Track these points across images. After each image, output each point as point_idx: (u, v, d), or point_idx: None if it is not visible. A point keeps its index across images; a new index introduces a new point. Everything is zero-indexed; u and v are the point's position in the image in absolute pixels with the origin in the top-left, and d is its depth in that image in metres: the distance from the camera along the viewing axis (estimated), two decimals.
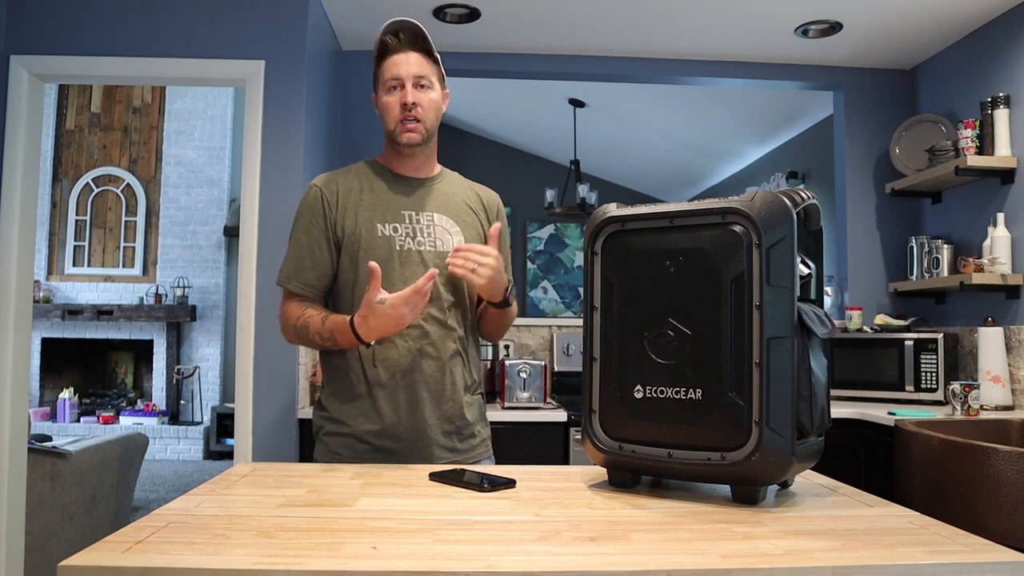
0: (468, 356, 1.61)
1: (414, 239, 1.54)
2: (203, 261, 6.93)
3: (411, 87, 1.52)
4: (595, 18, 3.21)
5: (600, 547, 0.88)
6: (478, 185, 1.72)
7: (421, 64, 1.54)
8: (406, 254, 1.53)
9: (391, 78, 1.53)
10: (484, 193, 1.70)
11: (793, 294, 1.06)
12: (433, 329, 1.53)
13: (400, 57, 1.53)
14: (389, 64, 1.54)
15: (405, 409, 1.51)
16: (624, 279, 1.19)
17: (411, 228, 1.55)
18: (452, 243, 1.56)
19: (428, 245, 1.55)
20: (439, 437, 1.53)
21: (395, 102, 1.53)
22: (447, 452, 1.54)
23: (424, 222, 1.56)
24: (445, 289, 1.55)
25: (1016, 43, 2.97)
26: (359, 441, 1.52)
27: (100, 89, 7.00)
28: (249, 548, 0.85)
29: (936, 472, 1.99)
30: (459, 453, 1.56)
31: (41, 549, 2.82)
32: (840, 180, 3.71)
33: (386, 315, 1.38)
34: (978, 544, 0.90)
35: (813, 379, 1.10)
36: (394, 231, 1.54)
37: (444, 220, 1.58)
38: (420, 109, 1.53)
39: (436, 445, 1.53)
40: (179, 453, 6.63)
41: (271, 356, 2.79)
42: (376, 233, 1.53)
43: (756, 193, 1.09)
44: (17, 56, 2.81)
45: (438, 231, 1.57)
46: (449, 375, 1.54)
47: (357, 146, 3.49)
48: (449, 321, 1.55)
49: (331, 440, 1.54)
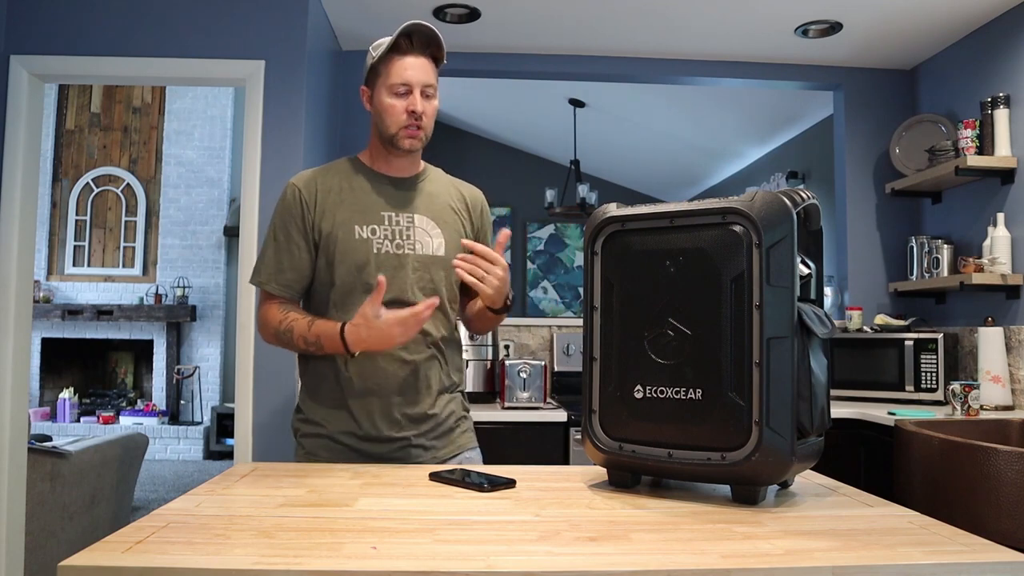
0: (445, 358, 1.58)
1: (393, 242, 1.52)
2: (203, 261, 6.93)
3: (419, 95, 1.50)
4: (595, 18, 3.21)
5: (600, 547, 0.88)
6: (461, 182, 1.69)
7: (428, 72, 1.52)
8: (384, 257, 1.50)
9: (400, 82, 1.50)
10: (467, 191, 1.68)
11: (793, 294, 1.06)
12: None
13: (412, 61, 1.50)
14: (399, 66, 1.50)
15: (379, 416, 1.50)
16: (624, 279, 1.19)
17: (390, 230, 1.52)
18: (433, 246, 1.54)
19: (408, 248, 1.52)
20: (415, 439, 1.52)
21: (401, 108, 1.51)
22: (424, 452, 1.53)
23: (404, 224, 1.54)
24: (424, 293, 1.52)
25: (1016, 43, 2.97)
26: (335, 443, 1.52)
27: (100, 89, 7.00)
28: (249, 548, 0.85)
29: (936, 472, 1.99)
30: (438, 450, 1.56)
31: (41, 549, 2.82)
32: (840, 180, 3.71)
33: (378, 330, 1.37)
34: (978, 544, 0.90)
35: (813, 379, 1.10)
36: (372, 233, 1.51)
37: (425, 221, 1.56)
38: (425, 118, 1.52)
39: (413, 447, 1.52)
40: (179, 453, 6.63)
41: (271, 356, 2.79)
42: (354, 235, 1.50)
43: (756, 193, 1.09)
44: (17, 56, 2.81)
45: (418, 233, 1.54)
46: (424, 379, 1.53)
47: (357, 146, 3.48)
48: (425, 326, 1.52)
49: (308, 441, 1.54)
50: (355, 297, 1.49)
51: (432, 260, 1.54)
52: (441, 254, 1.55)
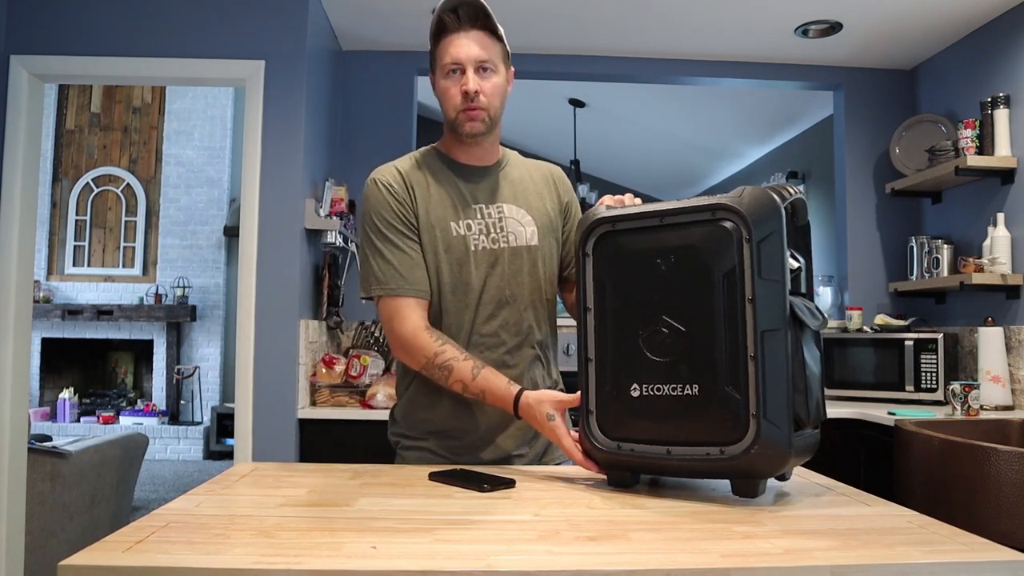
0: (547, 357, 1.53)
1: (488, 236, 1.44)
2: (203, 261, 6.93)
3: (472, 73, 1.39)
4: (595, 18, 3.21)
5: (600, 547, 0.88)
6: (539, 162, 1.61)
7: (484, 44, 1.40)
8: (481, 254, 1.43)
9: (450, 62, 1.39)
10: (547, 169, 1.60)
11: (785, 287, 1.07)
12: (508, 337, 1.45)
13: (460, 38, 1.39)
14: (447, 45, 1.40)
15: (480, 421, 1.44)
16: (616, 279, 1.19)
17: (484, 224, 1.44)
18: (526, 235, 1.47)
19: (503, 242, 1.45)
20: (513, 448, 1.47)
21: (456, 90, 1.40)
22: (520, 459, 1.48)
23: (496, 216, 1.46)
24: (523, 288, 1.46)
25: (1016, 43, 2.97)
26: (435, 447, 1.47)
27: (100, 89, 7.00)
28: (249, 548, 0.85)
29: (936, 472, 1.99)
30: (533, 459, 1.50)
31: (41, 549, 2.82)
32: (840, 180, 3.71)
33: (544, 428, 1.30)
34: (977, 544, 0.90)
35: (807, 371, 1.11)
36: (468, 229, 1.43)
37: (515, 211, 1.48)
38: (483, 97, 1.40)
39: (512, 455, 1.47)
40: (179, 453, 6.63)
41: (271, 356, 2.79)
42: (451, 232, 1.42)
43: (744, 189, 1.10)
44: (17, 56, 2.81)
45: (510, 224, 1.46)
46: (529, 383, 1.47)
47: (357, 146, 3.49)
48: (530, 322, 1.47)
49: (409, 454, 1.50)
50: (460, 301, 1.43)
51: (527, 251, 1.47)
52: (535, 243, 1.48)
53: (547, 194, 1.55)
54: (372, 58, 3.54)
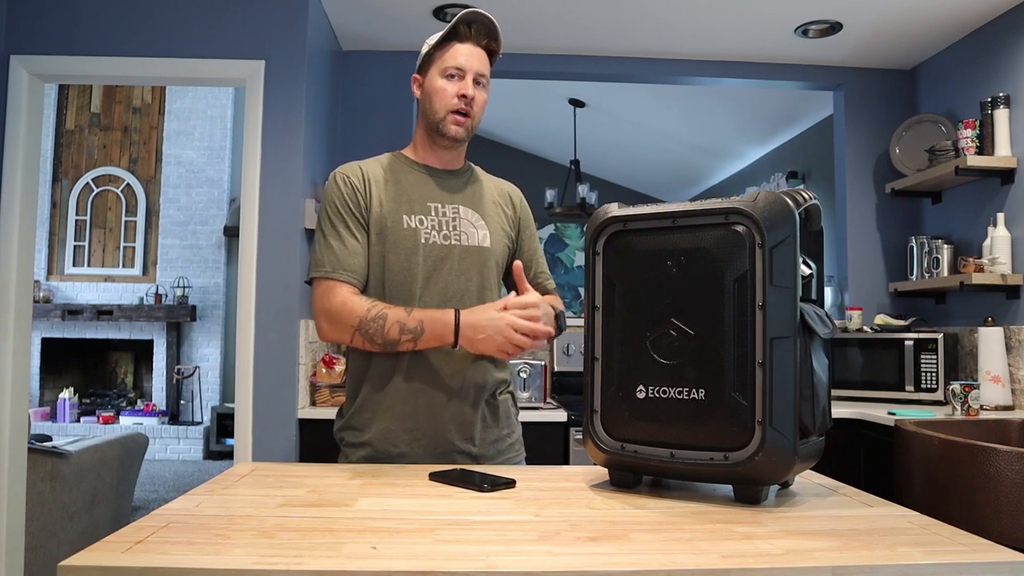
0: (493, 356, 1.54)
1: (440, 232, 1.50)
2: (203, 261, 6.93)
3: (471, 81, 1.50)
4: (595, 18, 3.21)
5: (600, 547, 0.88)
6: (499, 179, 1.69)
7: (484, 62, 1.52)
8: (431, 248, 1.48)
9: (454, 66, 1.49)
10: (506, 186, 1.68)
11: (796, 294, 1.06)
12: None
13: (469, 48, 1.50)
14: (455, 51, 1.50)
15: (423, 414, 1.46)
16: (626, 279, 1.18)
17: (437, 221, 1.50)
18: (478, 237, 1.52)
19: (454, 239, 1.50)
20: (459, 443, 1.47)
21: (452, 90, 1.49)
22: (467, 458, 1.48)
23: (450, 214, 1.52)
24: (471, 286, 1.50)
25: (1016, 43, 2.97)
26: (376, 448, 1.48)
27: (100, 89, 7.00)
28: (249, 548, 0.85)
29: (936, 472, 1.99)
30: (484, 460, 1.50)
31: (41, 549, 2.82)
32: (840, 180, 3.71)
33: (494, 327, 1.34)
34: (978, 544, 0.90)
35: (815, 379, 1.10)
36: (420, 223, 1.49)
37: (470, 213, 1.54)
38: (475, 107, 1.51)
39: (455, 452, 1.47)
40: (179, 453, 6.63)
41: (271, 356, 2.79)
42: (402, 225, 1.48)
43: (759, 193, 1.09)
44: (17, 56, 2.81)
45: (463, 224, 1.52)
46: (476, 378, 1.49)
47: (357, 146, 3.48)
48: None
49: (351, 451, 1.51)
50: (404, 289, 1.46)
51: (478, 251, 1.52)
52: (487, 245, 1.53)
53: (503, 205, 1.63)
54: (372, 58, 3.54)
